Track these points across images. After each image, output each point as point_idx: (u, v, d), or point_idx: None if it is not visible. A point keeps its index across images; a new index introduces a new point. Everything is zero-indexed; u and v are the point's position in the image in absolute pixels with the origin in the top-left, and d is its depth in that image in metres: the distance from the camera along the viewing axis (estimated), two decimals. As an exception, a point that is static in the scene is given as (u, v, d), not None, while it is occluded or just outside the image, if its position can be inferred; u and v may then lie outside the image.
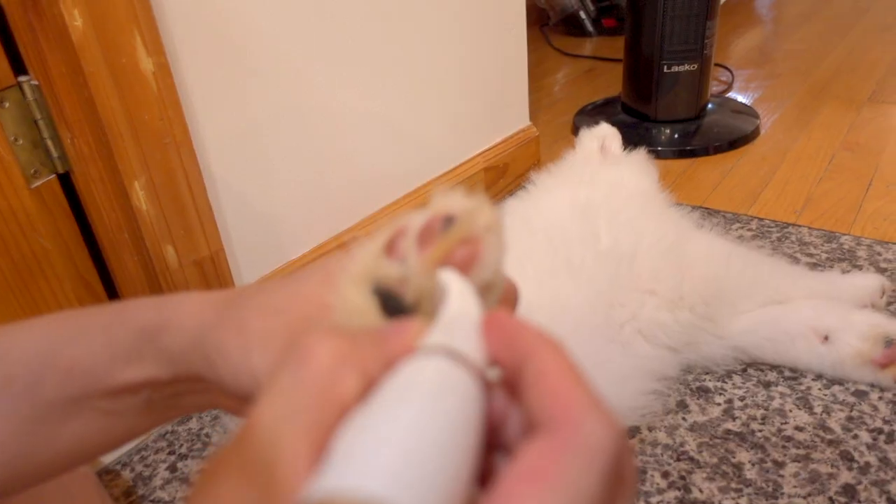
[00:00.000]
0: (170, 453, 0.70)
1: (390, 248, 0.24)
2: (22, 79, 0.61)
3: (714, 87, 1.54)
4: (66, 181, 0.68)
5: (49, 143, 0.65)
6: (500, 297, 0.25)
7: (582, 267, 0.67)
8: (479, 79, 1.06)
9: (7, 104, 0.61)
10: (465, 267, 0.23)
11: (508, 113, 1.16)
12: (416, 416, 0.16)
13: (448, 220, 0.23)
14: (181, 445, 0.71)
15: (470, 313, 0.21)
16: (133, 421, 0.33)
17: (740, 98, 1.49)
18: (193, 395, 0.32)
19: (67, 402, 0.31)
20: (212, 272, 0.73)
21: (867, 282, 0.74)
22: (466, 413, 0.17)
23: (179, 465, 0.68)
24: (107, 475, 0.68)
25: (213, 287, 0.74)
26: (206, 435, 0.72)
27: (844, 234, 0.93)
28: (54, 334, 0.31)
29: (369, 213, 0.93)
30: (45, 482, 0.34)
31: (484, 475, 0.18)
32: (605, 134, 0.96)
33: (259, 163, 0.77)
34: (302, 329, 0.26)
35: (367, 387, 0.19)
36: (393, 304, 0.23)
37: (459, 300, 0.22)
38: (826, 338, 0.67)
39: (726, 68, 1.63)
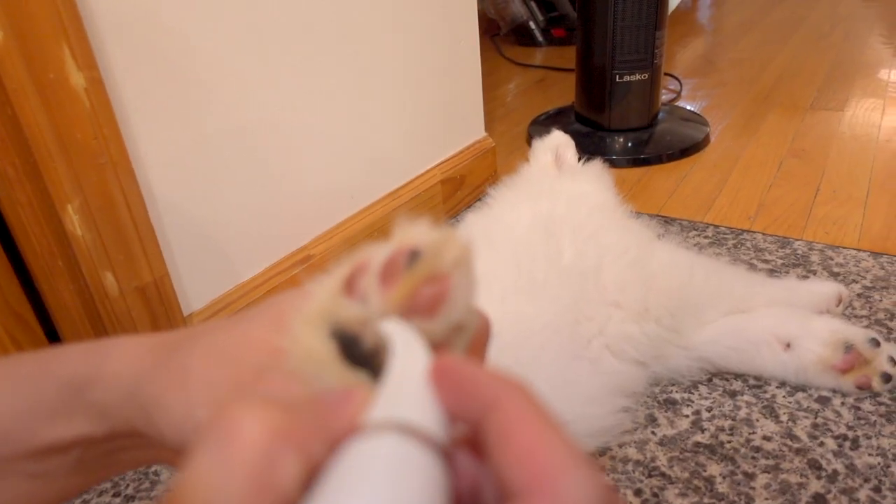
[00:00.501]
0: (115, 495, 0.65)
1: (350, 286, 0.21)
2: (-64, 96, 0.56)
3: (664, 96, 1.56)
4: (-10, 206, 0.63)
5: (-30, 165, 0.60)
6: (471, 338, 0.22)
7: (546, 284, 0.65)
8: (433, 90, 1.04)
9: (-80, 124, 0.56)
10: (431, 307, 0.20)
11: (464, 124, 1.15)
12: None
13: (413, 255, 0.20)
14: (127, 486, 0.66)
15: (417, 369, 0.19)
16: (64, 483, 0.29)
17: (689, 106, 1.51)
18: (132, 451, 0.28)
19: None
20: (156, 299, 0.68)
21: (824, 289, 0.75)
22: (428, 496, 0.15)
23: (124, 508, 0.63)
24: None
25: (158, 315, 0.69)
26: (155, 473, 0.67)
27: (797, 240, 0.95)
28: None
29: (323, 231, 0.90)
30: None
31: None
32: (558, 143, 0.95)
33: (204, 181, 0.73)
34: (252, 379, 0.23)
35: (310, 473, 0.16)
36: (353, 349, 0.21)
37: (405, 354, 0.19)
38: (788, 345, 0.68)
39: (675, 77, 1.66)
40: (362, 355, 0.21)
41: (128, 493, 0.65)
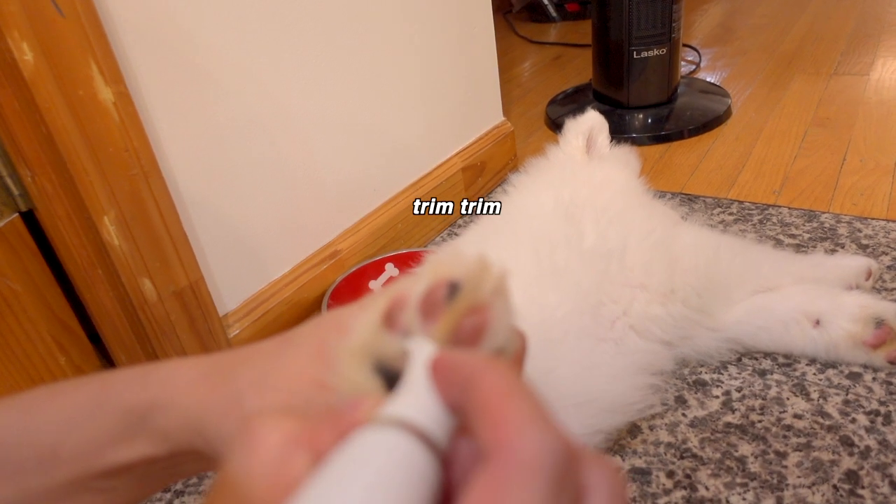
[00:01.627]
0: (164, 490, 0.68)
1: (390, 321, 0.22)
2: (-27, 117, 0.58)
3: (683, 69, 1.54)
4: (31, 219, 0.65)
5: (9, 181, 0.62)
6: (511, 359, 0.23)
7: (567, 269, 0.65)
8: (449, 79, 1.04)
9: (-41, 145, 0.58)
10: (474, 338, 0.21)
11: (482, 110, 1.14)
12: (362, 492, 0.16)
13: (453, 288, 0.21)
14: (177, 482, 0.68)
15: (424, 369, 0.20)
16: (130, 494, 0.31)
17: (709, 78, 1.49)
18: (191, 465, 0.31)
19: (57, 486, 0.29)
20: (193, 302, 0.71)
21: (853, 263, 0.74)
22: (410, 486, 0.17)
23: (176, 502, 0.66)
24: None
25: (196, 317, 0.71)
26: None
27: (824, 213, 0.93)
28: (30, 417, 0.30)
29: (349, 225, 0.91)
30: None
31: None
32: (591, 126, 0.92)
33: (231, 185, 0.74)
34: (300, 409, 0.25)
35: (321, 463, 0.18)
36: (397, 382, 0.22)
37: (418, 359, 0.21)
38: (818, 322, 0.67)
39: (693, 49, 1.64)
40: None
41: (177, 489, 0.68)
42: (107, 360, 0.75)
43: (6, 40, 0.52)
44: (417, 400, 0.19)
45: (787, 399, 0.66)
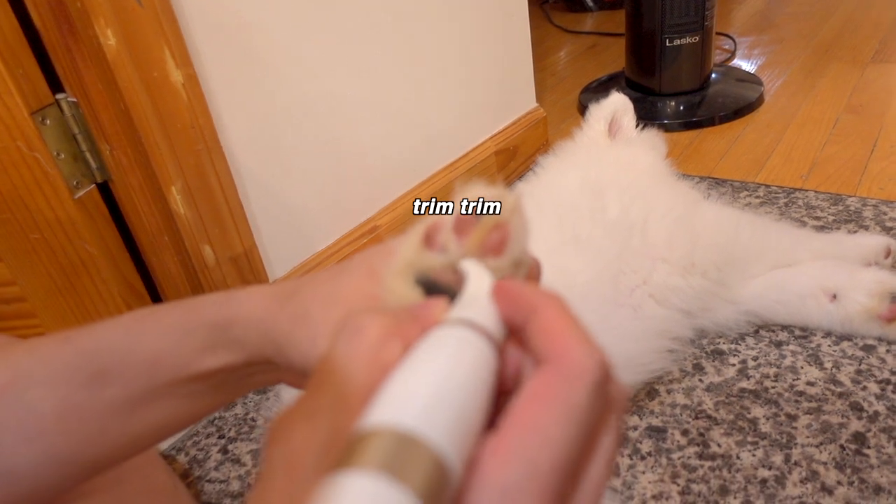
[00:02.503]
0: (220, 437, 0.75)
1: (429, 241, 0.27)
2: (59, 96, 0.65)
3: (717, 57, 1.55)
4: (105, 190, 0.73)
5: (88, 155, 0.69)
6: (527, 272, 0.28)
7: (590, 239, 0.70)
8: (484, 65, 1.09)
9: (48, 121, 0.65)
10: (498, 248, 0.27)
11: (515, 96, 1.19)
12: (440, 371, 0.21)
13: (480, 208, 0.27)
14: (230, 430, 0.76)
15: (484, 289, 0.25)
16: (210, 400, 0.37)
17: (744, 65, 1.50)
18: (263, 375, 0.36)
19: (154, 389, 0.35)
20: (246, 267, 0.77)
21: (872, 241, 0.76)
22: (479, 368, 0.22)
23: (230, 447, 0.73)
24: (164, 460, 0.73)
25: (249, 281, 0.78)
26: (252, 419, 0.77)
27: (850, 196, 0.95)
28: (134, 332, 0.36)
29: (389, 202, 0.97)
30: (125, 461, 0.38)
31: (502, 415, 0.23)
32: (615, 109, 0.96)
33: (281, 160, 0.81)
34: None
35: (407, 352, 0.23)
36: (436, 290, 0.27)
37: (477, 280, 0.26)
38: (834, 296, 0.71)
39: (729, 37, 1.64)
40: (444, 293, 0.27)
41: (230, 436, 0.75)
42: (169, 321, 0.82)
43: (93, 27, 0.59)
44: (482, 309, 0.24)
45: (801, 368, 0.69)
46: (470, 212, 0.27)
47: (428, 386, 0.20)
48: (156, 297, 0.80)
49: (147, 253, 0.76)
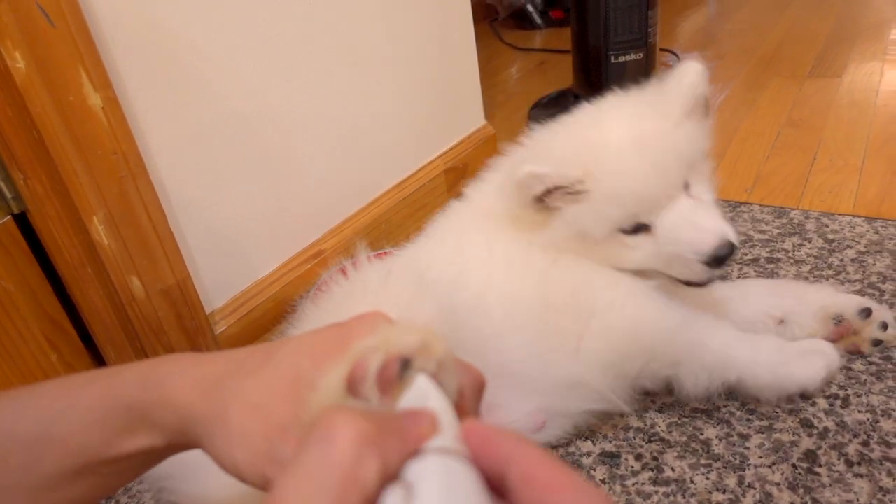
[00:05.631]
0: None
1: (352, 387, 0.26)
2: (-33, 123, 0.61)
3: (662, 72, 1.57)
4: (23, 221, 0.68)
5: (1, 185, 0.65)
6: (456, 398, 0.27)
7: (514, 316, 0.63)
8: (430, 83, 1.08)
9: (-46, 150, 0.61)
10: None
11: (464, 114, 1.18)
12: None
13: (404, 364, 0.25)
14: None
15: (451, 419, 0.24)
16: (131, 475, 0.36)
17: (688, 81, 1.52)
18: (185, 450, 0.34)
19: (67, 473, 0.33)
20: (180, 300, 0.73)
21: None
22: (480, 492, 0.21)
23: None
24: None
25: (183, 315, 0.74)
26: (188, 461, 0.72)
27: (794, 209, 0.97)
28: (47, 410, 0.33)
29: (334, 225, 0.94)
30: None
31: None
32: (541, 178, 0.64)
33: (216, 184, 0.77)
34: (277, 433, 0.29)
35: (385, 473, 0.20)
36: None
37: (438, 404, 0.25)
38: (781, 321, 0.70)
39: (673, 53, 1.67)
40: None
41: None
42: (97, 358, 0.77)
43: (-1, 49, 0.55)
44: (457, 439, 0.23)
45: (752, 385, 0.68)
46: (394, 366, 0.25)
47: None
48: (83, 332, 0.75)
49: (71, 287, 0.71)
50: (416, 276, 0.56)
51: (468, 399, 0.28)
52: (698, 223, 0.62)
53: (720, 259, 0.61)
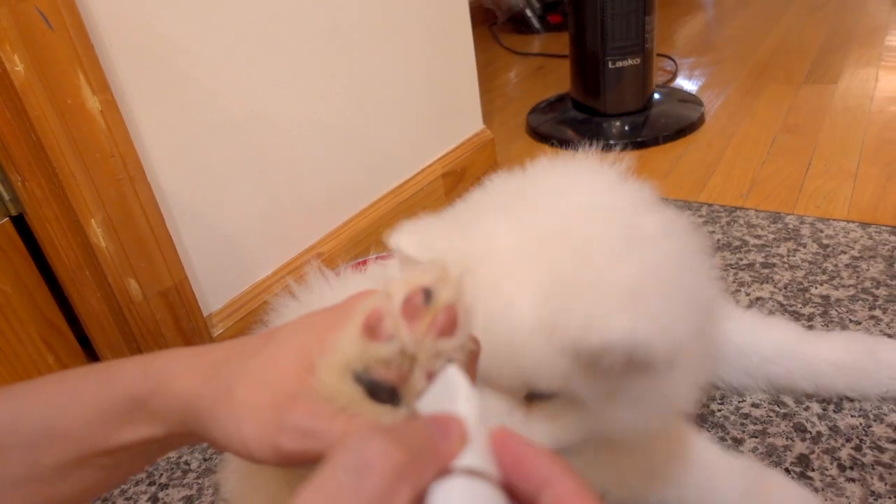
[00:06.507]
0: (150, 484, 0.70)
1: (371, 332, 0.25)
2: (-34, 125, 0.61)
3: (660, 77, 1.58)
4: (20, 223, 0.68)
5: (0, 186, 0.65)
6: (469, 353, 0.27)
7: None
8: (428, 88, 1.08)
9: (-47, 152, 0.61)
10: (448, 330, 0.26)
11: (462, 118, 1.18)
12: None
13: (427, 293, 0.25)
14: (160, 475, 0.71)
15: (480, 425, 0.23)
16: (130, 468, 0.35)
17: (686, 86, 1.53)
18: (185, 441, 0.34)
19: (67, 464, 0.33)
20: (177, 302, 0.73)
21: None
22: None
23: (160, 494, 0.69)
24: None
25: (180, 317, 0.74)
26: (186, 463, 0.72)
27: (789, 214, 0.97)
28: (46, 404, 0.33)
29: (331, 229, 0.94)
30: None
31: None
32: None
33: (213, 186, 0.77)
34: (286, 403, 0.28)
35: (416, 502, 0.20)
36: (378, 388, 0.25)
37: (469, 405, 0.24)
38: None
39: (670, 58, 1.68)
40: (386, 392, 0.26)
41: (161, 482, 0.70)
42: (94, 360, 0.77)
43: (-2, 52, 0.55)
44: (486, 455, 0.23)
45: (746, 389, 0.69)
46: (419, 296, 0.25)
47: None
48: (80, 334, 0.75)
49: (68, 289, 0.71)
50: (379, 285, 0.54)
51: (471, 358, 0.28)
52: None
53: None
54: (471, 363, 0.29)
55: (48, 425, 0.33)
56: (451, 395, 0.24)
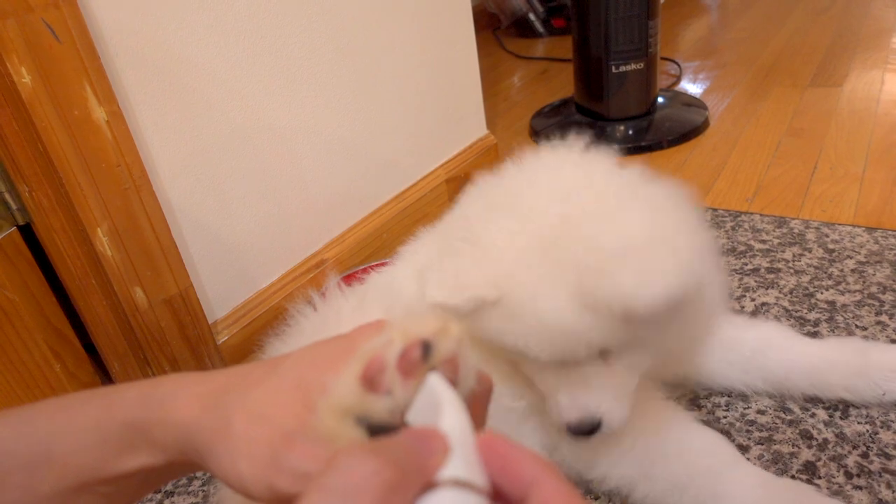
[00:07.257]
0: (156, 492, 0.70)
1: (370, 383, 0.25)
2: (-26, 136, 0.62)
3: (664, 81, 1.58)
4: (28, 232, 0.68)
5: (7, 196, 0.65)
6: (480, 399, 0.27)
7: None
8: (432, 94, 1.08)
9: (-39, 162, 0.62)
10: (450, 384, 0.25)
11: (465, 124, 1.18)
12: None
13: (426, 347, 0.25)
14: (166, 483, 0.71)
15: (466, 432, 0.23)
16: (130, 495, 0.35)
17: (690, 89, 1.53)
18: (184, 471, 0.34)
19: (66, 490, 0.33)
20: (183, 309, 0.74)
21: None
22: None
23: (166, 502, 0.69)
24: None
25: (186, 324, 0.74)
26: (190, 471, 0.72)
27: (794, 219, 0.97)
28: (46, 428, 0.33)
29: (335, 236, 0.95)
30: None
31: None
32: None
33: (218, 195, 0.78)
34: (282, 441, 0.28)
35: None
36: (380, 429, 0.25)
37: (453, 414, 0.24)
38: None
39: (674, 62, 1.68)
40: (388, 431, 0.25)
41: (167, 489, 0.70)
42: (100, 368, 0.78)
43: (5, 64, 0.56)
44: (473, 465, 0.23)
45: (752, 396, 0.68)
46: (417, 350, 0.25)
47: None
48: (86, 342, 0.76)
49: (74, 297, 0.72)
50: (390, 299, 0.55)
51: (479, 401, 0.28)
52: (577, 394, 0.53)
53: (578, 433, 0.53)
54: (479, 403, 0.29)
55: (47, 449, 0.33)
56: (435, 405, 0.24)
